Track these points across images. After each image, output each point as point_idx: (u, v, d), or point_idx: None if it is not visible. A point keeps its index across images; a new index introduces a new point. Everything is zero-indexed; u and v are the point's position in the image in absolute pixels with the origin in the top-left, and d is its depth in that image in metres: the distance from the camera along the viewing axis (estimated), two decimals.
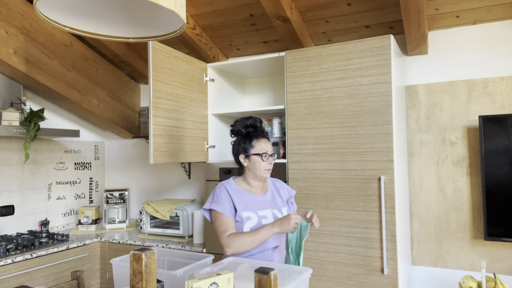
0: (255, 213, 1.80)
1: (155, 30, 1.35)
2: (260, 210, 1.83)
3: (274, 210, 1.86)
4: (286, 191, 2.00)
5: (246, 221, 1.77)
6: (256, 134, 1.88)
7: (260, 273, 1.00)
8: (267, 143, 1.87)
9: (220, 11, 2.69)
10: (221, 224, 1.76)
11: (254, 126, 1.91)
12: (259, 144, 1.85)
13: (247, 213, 1.79)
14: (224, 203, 1.79)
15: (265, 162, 1.84)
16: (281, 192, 1.96)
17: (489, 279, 2.10)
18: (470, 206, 2.48)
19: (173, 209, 3.01)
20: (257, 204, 1.84)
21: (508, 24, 2.44)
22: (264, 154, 1.83)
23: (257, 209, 1.82)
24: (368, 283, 2.15)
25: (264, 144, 1.86)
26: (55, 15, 1.22)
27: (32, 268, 2.55)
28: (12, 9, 2.54)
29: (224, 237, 1.72)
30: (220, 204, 1.79)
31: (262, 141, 1.86)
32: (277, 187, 1.97)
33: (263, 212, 1.83)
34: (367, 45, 2.19)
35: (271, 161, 1.87)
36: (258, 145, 1.85)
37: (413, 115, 2.65)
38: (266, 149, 1.85)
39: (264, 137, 1.89)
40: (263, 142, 1.86)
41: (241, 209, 1.79)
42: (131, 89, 3.66)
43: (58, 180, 3.39)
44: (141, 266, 0.95)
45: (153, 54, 2.29)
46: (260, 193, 1.91)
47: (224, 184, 1.87)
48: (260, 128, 1.92)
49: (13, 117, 2.72)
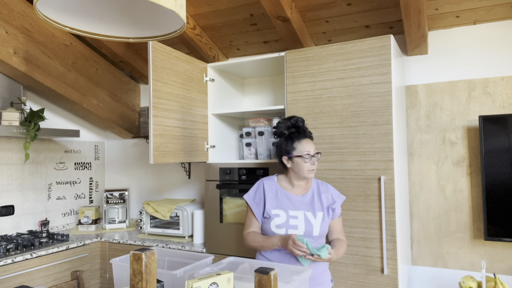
0: (285, 212, 1.86)
1: (155, 30, 1.35)
2: (292, 210, 1.86)
3: (308, 213, 1.86)
4: (330, 196, 1.93)
5: (274, 217, 1.86)
6: (298, 134, 1.88)
7: (260, 273, 1.00)
8: (309, 143, 1.86)
9: (220, 11, 2.69)
10: (248, 219, 1.95)
11: (296, 126, 1.91)
12: (301, 145, 1.85)
13: (276, 210, 1.87)
14: (255, 199, 1.93)
15: (308, 163, 1.83)
16: (322, 196, 1.91)
17: (489, 279, 2.10)
18: (470, 206, 2.48)
19: (173, 209, 3.01)
20: (291, 203, 1.88)
21: (508, 24, 2.44)
22: (307, 156, 1.83)
23: (289, 208, 1.87)
24: (368, 283, 2.15)
25: (306, 145, 1.85)
26: (55, 15, 1.22)
27: (32, 268, 2.55)
28: (12, 9, 2.54)
29: (245, 232, 1.93)
30: (253, 199, 1.94)
31: (304, 141, 1.86)
32: (319, 190, 1.93)
33: (295, 213, 1.85)
34: (367, 45, 2.19)
35: (314, 162, 1.85)
36: (300, 146, 1.85)
37: (413, 115, 2.65)
38: (308, 150, 1.84)
39: (306, 137, 1.88)
40: (304, 142, 1.86)
41: (271, 207, 1.88)
42: (131, 89, 3.66)
43: (58, 180, 3.39)
44: (141, 266, 0.95)
45: (153, 54, 2.29)
46: (300, 193, 1.91)
47: (264, 180, 1.97)
48: (302, 128, 1.92)
49: (13, 117, 2.72)
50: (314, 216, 1.85)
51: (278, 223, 1.84)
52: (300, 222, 1.83)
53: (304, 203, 1.88)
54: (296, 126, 1.91)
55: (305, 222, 1.84)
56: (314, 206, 1.87)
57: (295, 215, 1.85)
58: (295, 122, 1.91)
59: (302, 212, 1.85)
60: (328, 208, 1.90)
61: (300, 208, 1.86)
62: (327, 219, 1.88)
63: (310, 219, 1.84)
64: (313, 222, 1.84)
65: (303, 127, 1.92)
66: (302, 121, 1.92)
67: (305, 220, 1.84)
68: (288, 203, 1.88)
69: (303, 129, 1.92)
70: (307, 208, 1.87)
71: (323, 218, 1.86)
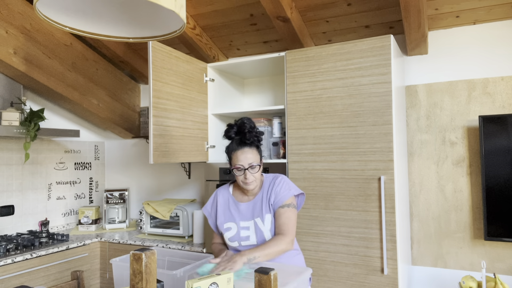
0: (236, 224, 1.80)
1: (155, 30, 1.35)
2: (243, 221, 1.79)
3: (257, 219, 1.77)
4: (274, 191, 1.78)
5: (226, 231, 1.81)
6: (235, 145, 1.75)
7: (260, 273, 1.00)
8: (244, 153, 1.71)
9: (220, 11, 2.69)
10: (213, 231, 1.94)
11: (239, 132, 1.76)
12: (235, 156, 1.73)
13: (227, 224, 1.82)
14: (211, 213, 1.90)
15: (241, 176, 1.72)
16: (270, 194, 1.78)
17: (489, 279, 2.10)
18: (470, 206, 2.48)
19: (173, 209, 3.01)
20: (241, 214, 1.81)
21: (508, 24, 2.44)
22: (238, 169, 1.72)
23: (240, 219, 1.80)
24: (368, 283, 2.15)
25: (240, 156, 1.71)
26: (55, 15, 1.22)
27: (32, 268, 2.55)
28: (12, 9, 2.54)
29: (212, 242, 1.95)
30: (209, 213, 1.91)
31: (239, 152, 1.72)
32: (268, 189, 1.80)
33: (246, 223, 1.79)
34: (367, 45, 2.19)
35: (249, 176, 1.72)
36: (234, 157, 1.73)
37: (413, 115, 2.65)
38: (240, 163, 1.71)
39: (244, 147, 1.73)
40: (239, 153, 1.72)
41: (223, 221, 1.83)
42: (131, 89, 3.66)
43: (58, 180, 3.39)
44: (141, 266, 0.95)
45: (153, 54, 2.29)
46: (247, 200, 1.83)
47: (218, 191, 1.91)
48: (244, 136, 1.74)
49: (13, 117, 2.72)
50: (263, 221, 1.76)
51: (229, 237, 1.79)
52: (251, 233, 1.76)
53: (254, 210, 1.79)
54: (239, 132, 1.76)
55: (256, 231, 1.76)
56: (262, 209, 1.77)
57: (247, 226, 1.78)
58: (238, 128, 1.76)
59: (252, 221, 1.78)
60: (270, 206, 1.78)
61: (249, 218, 1.79)
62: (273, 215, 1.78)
63: (260, 226, 1.76)
64: (263, 228, 1.75)
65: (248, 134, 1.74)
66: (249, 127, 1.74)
67: (256, 229, 1.76)
68: (239, 214, 1.81)
69: (245, 137, 1.74)
70: (256, 215, 1.78)
71: (271, 221, 1.76)
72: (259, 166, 1.74)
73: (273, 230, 1.75)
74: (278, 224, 1.74)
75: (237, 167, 1.73)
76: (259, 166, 1.74)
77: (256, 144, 1.77)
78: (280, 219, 1.74)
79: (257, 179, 1.76)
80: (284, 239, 1.70)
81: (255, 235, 1.76)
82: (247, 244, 1.77)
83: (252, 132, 1.75)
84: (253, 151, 1.74)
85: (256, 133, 1.77)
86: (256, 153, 1.76)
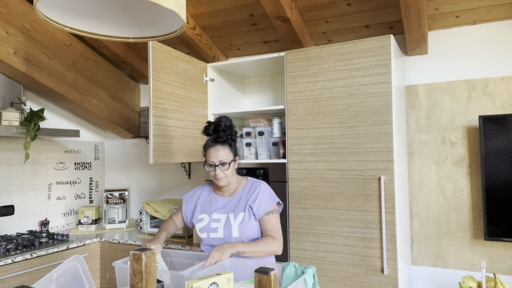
0: (209, 216, 1.86)
1: (155, 30, 1.35)
2: (216, 213, 1.85)
3: (231, 214, 1.83)
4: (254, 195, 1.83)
5: (198, 222, 1.87)
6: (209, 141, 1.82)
7: (260, 273, 1.00)
8: (216, 151, 1.78)
9: (220, 11, 2.69)
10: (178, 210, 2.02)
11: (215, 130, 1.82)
12: (208, 153, 1.80)
13: (201, 215, 1.89)
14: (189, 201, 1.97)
15: (213, 172, 1.79)
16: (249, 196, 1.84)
17: (489, 279, 2.10)
18: (470, 206, 2.48)
19: (173, 209, 3.01)
20: (217, 206, 1.87)
21: (508, 24, 2.44)
22: (209, 165, 1.79)
23: (214, 211, 1.86)
24: (368, 283, 2.15)
25: (212, 153, 1.78)
26: (55, 15, 1.22)
27: (32, 268, 2.55)
28: (12, 9, 2.54)
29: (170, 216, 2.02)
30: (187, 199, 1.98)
31: (212, 149, 1.79)
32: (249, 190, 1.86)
33: (218, 216, 1.84)
34: (367, 45, 2.19)
35: (218, 172, 1.78)
36: (207, 154, 1.80)
37: (413, 115, 2.65)
38: (212, 160, 1.78)
39: (215, 145, 1.79)
40: (212, 150, 1.79)
41: (198, 212, 1.90)
42: (131, 89, 3.66)
43: (58, 180, 3.39)
44: (141, 266, 0.95)
45: (153, 54, 2.29)
46: (229, 195, 1.89)
47: (203, 186, 2.00)
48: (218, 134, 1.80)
49: (13, 117, 2.72)
50: (235, 217, 1.81)
51: (200, 227, 1.85)
52: (221, 225, 1.81)
53: (230, 205, 1.85)
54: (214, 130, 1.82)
55: (225, 224, 1.80)
56: (238, 207, 1.83)
57: (218, 218, 1.83)
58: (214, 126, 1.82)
59: (225, 216, 1.83)
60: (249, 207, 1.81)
61: (224, 211, 1.84)
62: (248, 219, 1.79)
63: (231, 221, 1.80)
64: (233, 223, 1.79)
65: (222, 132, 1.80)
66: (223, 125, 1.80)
67: (226, 223, 1.80)
68: (215, 206, 1.87)
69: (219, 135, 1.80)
70: (231, 210, 1.83)
71: (243, 219, 1.79)
72: (229, 164, 1.80)
73: (243, 228, 1.79)
74: (266, 229, 1.82)
75: (208, 163, 1.80)
76: (229, 164, 1.80)
77: (229, 142, 1.82)
78: (267, 225, 1.82)
79: (228, 176, 1.81)
80: (276, 242, 1.79)
81: (223, 228, 1.81)
82: (215, 237, 1.82)
83: (226, 131, 1.81)
84: (225, 149, 1.80)
85: (230, 132, 1.82)
86: (229, 151, 1.81)
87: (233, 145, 1.84)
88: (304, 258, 2.34)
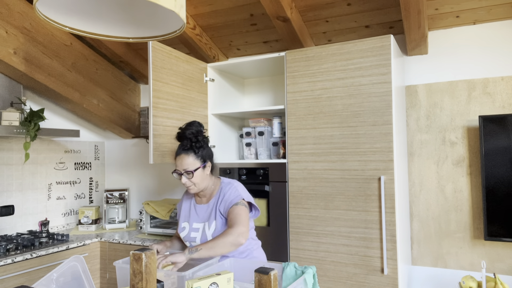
0: (189, 225, 1.88)
1: (155, 30, 1.35)
2: (196, 222, 1.87)
3: (206, 223, 1.84)
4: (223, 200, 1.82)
5: (181, 231, 1.90)
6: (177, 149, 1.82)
7: (260, 273, 1.00)
8: (181, 160, 1.78)
9: (220, 11, 2.69)
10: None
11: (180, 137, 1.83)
12: (175, 161, 1.81)
13: (184, 223, 1.91)
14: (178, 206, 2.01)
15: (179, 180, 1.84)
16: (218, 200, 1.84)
17: (489, 279, 2.10)
18: (470, 206, 2.48)
19: (173, 209, 3.01)
20: (197, 215, 1.89)
21: (508, 24, 2.44)
22: (175, 173, 1.80)
23: (194, 220, 1.88)
24: (368, 283, 2.15)
25: (177, 161, 1.79)
26: (55, 15, 1.22)
27: (32, 268, 2.55)
28: (12, 9, 2.54)
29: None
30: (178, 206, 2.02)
31: (177, 158, 1.80)
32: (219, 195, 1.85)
33: (197, 225, 1.86)
34: (367, 45, 2.19)
35: (185, 180, 1.78)
36: (176, 162, 1.81)
37: (413, 115, 2.65)
38: (177, 168, 1.79)
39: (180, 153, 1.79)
40: (177, 159, 1.80)
41: (181, 220, 1.94)
42: (131, 89, 3.66)
43: (58, 180, 3.39)
44: (141, 266, 0.95)
45: (153, 54, 2.29)
46: (204, 203, 1.90)
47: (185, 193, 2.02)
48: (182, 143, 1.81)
49: (13, 117, 2.72)
50: (209, 226, 1.82)
51: (183, 236, 1.89)
52: (198, 235, 1.83)
53: (207, 214, 1.85)
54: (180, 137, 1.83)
55: (202, 234, 1.82)
56: (211, 215, 1.83)
57: (197, 228, 1.86)
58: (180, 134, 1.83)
59: (202, 224, 1.85)
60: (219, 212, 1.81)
61: (202, 220, 1.86)
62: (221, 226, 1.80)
63: (205, 230, 1.82)
64: (207, 233, 1.81)
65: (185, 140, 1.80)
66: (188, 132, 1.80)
67: (202, 233, 1.82)
68: (195, 215, 1.89)
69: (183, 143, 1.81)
70: (207, 219, 1.84)
71: (215, 227, 1.80)
72: (192, 172, 1.77)
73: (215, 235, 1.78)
74: (229, 220, 1.75)
75: (175, 171, 1.81)
76: (192, 172, 1.77)
77: (194, 150, 1.79)
78: (229, 216, 1.76)
79: (197, 183, 1.79)
80: (231, 232, 1.67)
81: (200, 237, 1.82)
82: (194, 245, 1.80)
83: (191, 138, 1.80)
84: (189, 157, 1.78)
85: (196, 139, 1.80)
86: (193, 158, 1.78)
87: (199, 152, 1.80)
88: (304, 258, 2.34)
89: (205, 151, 1.83)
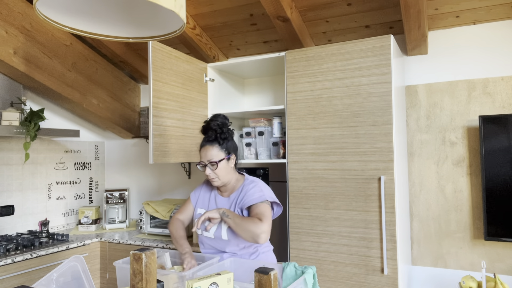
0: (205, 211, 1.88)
1: (155, 30, 1.35)
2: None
3: None
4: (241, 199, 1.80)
5: (197, 217, 1.91)
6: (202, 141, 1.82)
7: (260, 273, 1.00)
8: (205, 151, 1.78)
9: (220, 11, 2.69)
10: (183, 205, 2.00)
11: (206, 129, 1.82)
12: (200, 153, 1.82)
13: (200, 209, 1.92)
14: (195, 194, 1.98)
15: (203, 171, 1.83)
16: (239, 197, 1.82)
17: (489, 279, 2.10)
18: (470, 206, 2.48)
19: (173, 209, 3.01)
20: (213, 204, 1.89)
21: (508, 24, 2.44)
22: (200, 165, 1.80)
23: (210, 208, 1.88)
24: (368, 283, 2.15)
25: (202, 153, 1.79)
26: (55, 15, 1.22)
27: (32, 268, 2.55)
28: (12, 9, 2.54)
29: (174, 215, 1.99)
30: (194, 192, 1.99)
31: (202, 149, 1.80)
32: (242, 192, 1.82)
33: None
34: (367, 45, 2.19)
35: (209, 172, 1.78)
36: (200, 153, 1.82)
37: (413, 115, 2.65)
38: (202, 159, 1.79)
39: (205, 145, 1.79)
40: (202, 150, 1.80)
41: (198, 206, 1.95)
42: (131, 89, 3.66)
43: (58, 180, 3.39)
44: (141, 266, 0.95)
45: (153, 54, 2.29)
46: (225, 195, 1.89)
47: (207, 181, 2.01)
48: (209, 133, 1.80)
49: (13, 117, 2.72)
50: None
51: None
52: (214, 226, 1.79)
53: (226, 206, 1.84)
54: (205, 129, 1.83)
55: (217, 226, 1.78)
56: (230, 208, 1.81)
57: None
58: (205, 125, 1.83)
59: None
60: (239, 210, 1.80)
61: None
62: None
63: (222, 223, 1.77)
64: (223, 226, 1.77)
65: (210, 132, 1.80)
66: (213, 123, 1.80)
67: (217, 225, 1.78)
68: (214, 205, 1.88)
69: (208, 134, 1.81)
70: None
71: None
72: (217, 163, 1.76)
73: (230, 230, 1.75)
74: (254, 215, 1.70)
75: (199, 163, 1.81)
76: (217, 163, 1.76)
77: (219, 141, 1.78)
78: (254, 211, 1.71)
79: (220, 176, 1.79)
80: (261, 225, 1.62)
81: (215, 229, 1.80)
82: (206, 236, 1.82)
83: (216, 130, 1.79)
84: (214, 148, 1.77)
85: (221, 130, 1.79)
86: (218, 150, 1.78)
87: (224, 143, 1.79)
88: (304, 258, 2.34)
89: (229, 143, 1.82)
